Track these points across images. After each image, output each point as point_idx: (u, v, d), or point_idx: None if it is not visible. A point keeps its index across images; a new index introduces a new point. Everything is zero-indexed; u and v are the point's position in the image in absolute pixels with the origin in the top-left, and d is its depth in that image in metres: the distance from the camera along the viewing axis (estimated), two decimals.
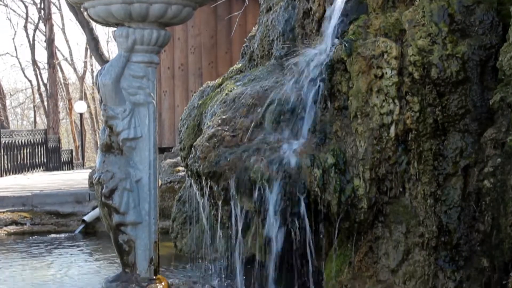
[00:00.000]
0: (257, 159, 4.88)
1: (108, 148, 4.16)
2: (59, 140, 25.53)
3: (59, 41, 71.90)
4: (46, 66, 34.60)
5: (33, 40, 39.20)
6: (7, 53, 46.62)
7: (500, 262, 4.44)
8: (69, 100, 38.55)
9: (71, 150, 29.77)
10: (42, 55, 70.04)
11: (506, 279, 4.20)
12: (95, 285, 4.99)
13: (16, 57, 65.75)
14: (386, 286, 4.85)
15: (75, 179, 15.16)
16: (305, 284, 5.28)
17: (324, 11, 5.64)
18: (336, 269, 5.04)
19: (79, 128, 32.84)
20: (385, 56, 4.79)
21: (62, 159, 25.26)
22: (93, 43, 21.53)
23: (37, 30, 39.18)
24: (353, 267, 4.97)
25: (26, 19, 39.99)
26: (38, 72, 39.50)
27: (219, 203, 5.14)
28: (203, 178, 5.15)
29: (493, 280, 4.54)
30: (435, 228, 4.80)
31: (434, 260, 4.82)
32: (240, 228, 5.06)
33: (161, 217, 4.56)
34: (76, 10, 20.73)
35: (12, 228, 9.94)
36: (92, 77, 40.64)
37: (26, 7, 41.22)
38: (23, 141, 21.44)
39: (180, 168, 9.35)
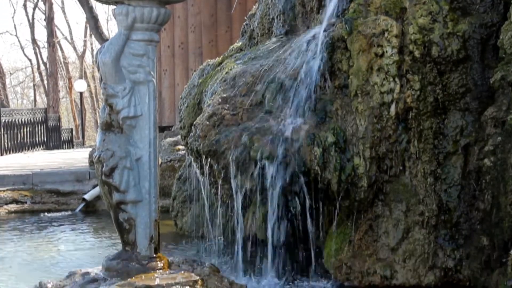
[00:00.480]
0: (258, 137, 4.88)
1: (108, 127, 4.15)
2: (59, 119, 25.50)
3: (58, 19, 71.64)
4: (46, 45, 34.51)
5: (33, 18, 39.10)
6: (7, 31, 46.67)
7: (499, 241, 4.45)
8: (69, 79, 38.47)
9: (71, 129, 29.77)
10: (41, 34, 69.92)
11: (505, 257, 4.21)
12: (95, 263, 5.00)
13: (16, 35, 65.77)
14: (386, 264, 4.86)
15: (75, 157, 15.17)
16: (305, 262, 5.29)
17: None
18: (336, 247, 5.05)
19: (79, 107, 32.81)
20: (386, 34, 4.78)
21: (62, 138, 25.25)
22: (93, 21, 21.45)
23: (37, 9, 39.07)
24: (353, 245, 4.98)
25: None
26: (37, 50, 39.44)
27: (219, 181, 5.15)
28: (203, 157, 5.15)
29: (492, 258, 4.56)
30: (435, 207, 4.82)
31: (434, 238, 4.83)
32: (240, 207, 5.07)
33: (161, 195, 4.56)
34: None
35: (12, 207, 9.95)
36: (92, 56, 40.51)
37: None
38: (23, 120, 21.42)
39: (180, 147, 9.35)
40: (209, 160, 5.10)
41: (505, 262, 4.20)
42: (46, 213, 9.66)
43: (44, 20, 33.84)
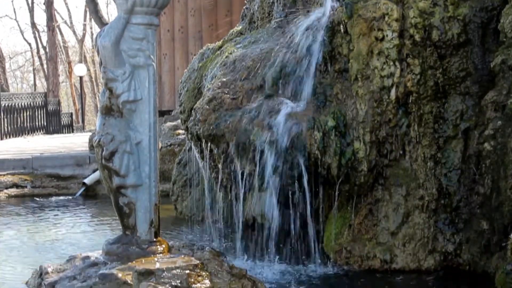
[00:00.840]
0: (258, 121, 4.88)
1: (108, 111, 4.15)
2: (59, 103, 25.47)
3: (58, 3, 71.55)
4: (45, 29, 34.41)
5: (32, 2, 38.98)
6: (6, 15, 46.46)
7: (499, 225, 4.46)
8: (69, 63, 38.38)
9: (71, 113, 29.74)
10: (41, 18, 69.74)
11: (505, 241, 4.22)
12: (96, 246, 5.00)
13: (15, 19, 65.50)
14: (386, 248, 4.87)
15: (75, 142, 15.16)
16: (305, 246, 5.30)
17: None
18: (335, 231, 5.06)
19: (79, 91, 32.74)
20: (386, 18, 4.77)
21: (62, 122, 25.21)
22: (92, 5, 21.40)
23: None
24: (353, 229, 4.99)
25: None
26: (37, 34, 39.34)
27: (219, 165, 5.15)
28: (203, 141, 5.15)
29: (492, 242, 4.56)
30: (435, 191, 4.82)
31: (434, 222, 4.84)
32: (240, 191, 5.07)
33: (161, 180, 4.56)
34: None
35: (12, 191, 9.95)
36: (92, 40, 40.38)
37: None
38: (23, 104, 21.39)
39: (180, 131, 9.34)
40: (209, 144, 5.10)
41: (505, 246, 4.20)
42: (46, 197, 9.66)
43: (44, 4, 33.73)
